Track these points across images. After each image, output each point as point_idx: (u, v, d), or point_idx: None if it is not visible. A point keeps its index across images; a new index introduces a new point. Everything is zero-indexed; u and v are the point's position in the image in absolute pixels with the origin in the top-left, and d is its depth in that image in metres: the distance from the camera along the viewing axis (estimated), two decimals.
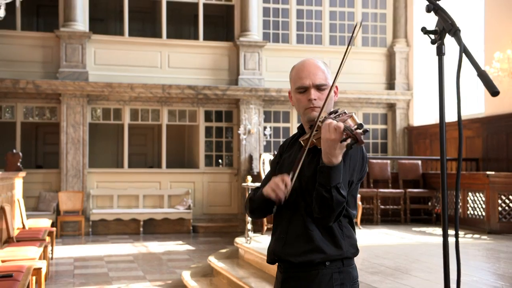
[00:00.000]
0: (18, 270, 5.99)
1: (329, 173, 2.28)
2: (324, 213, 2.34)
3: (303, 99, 2.55)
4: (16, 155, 10.83)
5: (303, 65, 2.60)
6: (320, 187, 2.30)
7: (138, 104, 15.20)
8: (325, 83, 2.55)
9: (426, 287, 5.40)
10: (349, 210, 2.50)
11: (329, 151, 2.25)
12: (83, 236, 14.03)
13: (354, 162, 2.46)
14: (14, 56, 14.57)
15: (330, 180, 2.28)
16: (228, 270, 7.64)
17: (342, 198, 2.30)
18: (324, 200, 2.30)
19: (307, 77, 2.54)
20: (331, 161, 2.27)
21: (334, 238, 2.46)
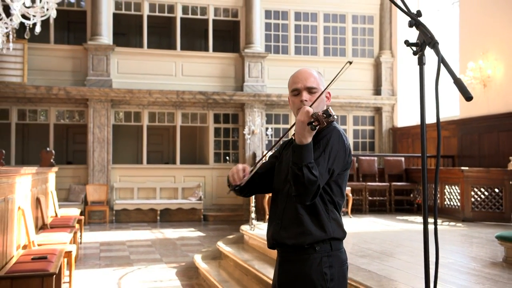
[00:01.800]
0: (51, 252, 6.00)
1: (300, 152, 2.32)
2: (299, 191, 2.36)
3: (296, 101, 2.63)
4: (50, 153, 10.86)
5: (298, 72, 2.68)
6: (293, 165, 2.33)
7: (155, 108, 15.21)
8: (316, 86, 2.61)
9: (408, 268, 5.40)
10: (333, 197, 2.54)
11: (299, 131, 2.32)
12: (108, 224, 14.06)
13: (335, 152, 2.47)
14: (48, 66, 14.59)
15: (301, 158, 2.31)
16: (234, 254, 7.64)
17: (313, 177, 2.31)
18: (297, 178, 2.32)
19: (300, 81, 2.62)
20: (301, 141, 2.32)
21: (320, 221, 2.49)
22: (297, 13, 16.15)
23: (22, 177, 6.89)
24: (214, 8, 15.68)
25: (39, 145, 14.96)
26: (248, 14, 15.61)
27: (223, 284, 6.65)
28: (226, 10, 15.85)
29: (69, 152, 17.08)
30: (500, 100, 11.91)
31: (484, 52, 12.31)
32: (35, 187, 8.17)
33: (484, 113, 12.31)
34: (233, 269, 7.40)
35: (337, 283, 2.49)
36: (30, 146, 16.42)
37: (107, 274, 7.83)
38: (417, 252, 6.43)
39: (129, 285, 7.17)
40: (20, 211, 6.56)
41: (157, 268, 8.29)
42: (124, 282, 7.38)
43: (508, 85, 11.79)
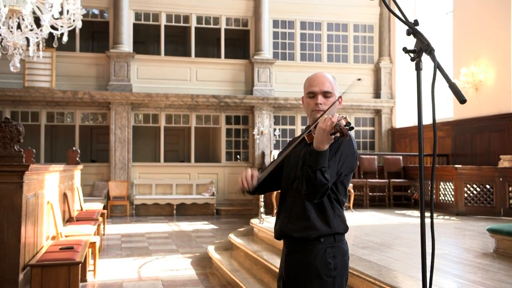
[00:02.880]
0: (77, 243, 6.03)
1: (317, 157, 2.29)
2: (309, 191, 2.35)
3: (312, 103, 2.59)
4: (75, 152, 10.91)
5: (315, 75, 2.65)
6: (308, 167, 2.31)
7: (171, 110, 15.24)
8: (331, 91, 2.59)
9: (406, 259, 5.38)
10: (339, 195, 2.53)
11: (320, 139, 2.27)
12: (128, 217, 14.10)
13: (345, 157, 2.46)
14: (73, 72, 14.66)
15: (317, 163, 2.29)
16: (245, 245, 7.64)
17: (325, 181, 2.30)
18: (310, 179, 2.31)
19: (317, 85, 2.59)
20: (319, 147, 2.28)
21: (326, 217, 2.49)
22: (303, 23, 16.14)
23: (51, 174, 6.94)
24: (226, 18, 15.70)
25: (65, 145, 15.05)
26: (257, 24, 15.61)
27: (234, 273, 6.66)
28: (237, 20, 15.86)
29: (93, 151, 17.16)
30: (491, 103, 11.88)
31: (476, 58, 12.29)
32: (62, 183, 8.22)
33: (476, 115, 12.27)
34: (244, 259, 7.40)
35: (340, 272, 2.49)
36: (57, 145, 16.51)
37: (128, 263, 7.85)
38: (414, 244, 6.42)
39: (148, 274, 7.18)
40: (49, 205, 6.60)
41: (173, 258, 8.30)
42: (143, 270, 7.40)
43: (498, 89, 11.76)
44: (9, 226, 4.99)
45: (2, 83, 14.07)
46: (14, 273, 4.97)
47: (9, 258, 4.97)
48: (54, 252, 5.55)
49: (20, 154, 5.08)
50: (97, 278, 6.85)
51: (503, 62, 11.69)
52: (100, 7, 15.12)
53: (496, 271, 4.79)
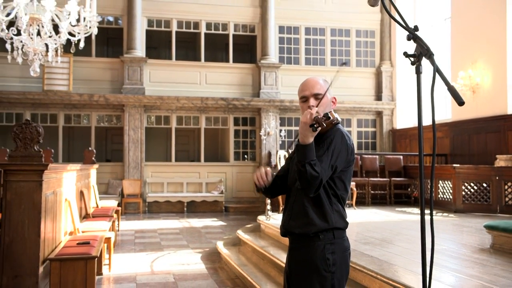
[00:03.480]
0: (93, 238, 6.05)
1: (304, 151, 2.31)
2: (303, 185, 2.36)
3: (305, 106, 2.61)
4: (91, 152, 10.94)
5: (306, 81, 2.67)
6: (298, 162, 2.33)
7: (182, 112, 15.27)
8: (321, 92, 2.59)
9: (407, 254, 5.37)
10: (337, 191, 2.52)
11: (302, 132, 2.31)
12: (141, 214, 14.13)
13: (338, 150, 2.45)
14: (89, 76, 14.72)
15: (304, 156, 2.30)
16: (252, 241, 7.65)
17: (315, 173, 2.31)
18: (301, 174, 2.32)
19: (307, 89, 2.61)
20: (304, 141, 2.31)
21: (324, 213, 2.49)
22: (307, 28, 16.12)
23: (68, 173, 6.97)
24: (234, 24, 15.71)
25: (82, 145, 15.10)
26: (264, 30, 15.62)
27: (242, 267, 6.66)
28: (245, 26, 15.87)
29: (108, 151, 17.21)
30: (487, 105, 11.85)
31: (473, 63, 12.27)
32: (79, 182, 8.25)
33: (473, 116, 12.24)
34: (251, 255, 7.40)
35: (339, 268, 2.49)
36: (74, 146, 16.56)
37: (141, 258, 7.87)
38: (414, 240, 6.40)
39: (160, 268, 7.20)
40: (66, 202, 6.62)
41: (184, 253, 8.31)
42: (156, 264, 7.42)
43: (494, 92, 11.73)
44: (30, 222, 5.02)
45: (22, 87, 14.15)
46: (34, 266, 5.01)
47: (30, 252, 5.01)
48: (71, 247, 5.58)
49: (40, 154, 5.11)
50: (112, 271, 6.88)
51: (499, 66, 11.67)
52: (114, 14, 15.17)
53: (492, 266, 4.78)
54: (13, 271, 4.96)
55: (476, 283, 4.10)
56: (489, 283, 4.07)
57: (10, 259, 4.96)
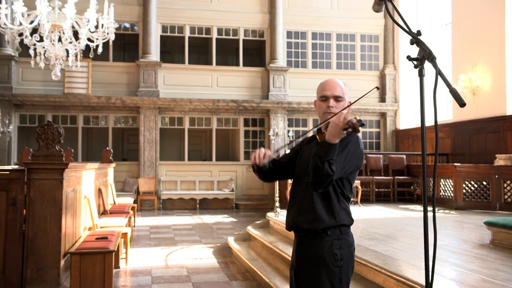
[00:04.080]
0: (111, 234, 6.08)
1: (327, 149, 2.28)
2: (315, 179, 2.34)
3: (324, 106, 2.59)
4: (109, 151, 10.98)
5: (327, 81, 2.65)
6: (318, 157, 2.30)
7: (195, 114, 15.30)
8: (341, 95, 2.59)
9: (410, 249, 5.36)
10: (344, 191, 2.53)
11: (332, 132, 2.27)
12: (156, 210, 14.18)
13: (351, 155, 2.46)
14: (107, 80, 14.79)
15: (326, 154, 2.28)
16: (261, 236, 7.65)
17: (331, 172, 2.29)
18: (318, 169, 2.30)
19: (329, 89, 2.59)
20: (331, 140, 2.28)
21: (332, 210, 2.49)
22: (314, 33, 16.10)
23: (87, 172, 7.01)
24: (244, 29, 15.72)
25: (100, 145, 15.16)
26: (273, 35, 15.62)
27: (252, 261, 6.67)
28: (254, 31, 15.88)
29: (124, 150, 17.28)
30: (487, 106, 11.79)
31: (473, 66, 12.20)
32: (97, 180, 8.30)
33: (474, 117, 12.17)
34: (261, 249, 7.41)
35: (346, 262, 2.49)
36: (93, 146, 16.63)
37: (156, 252, 7.91)
38: (416, 236, 6.38)
39: (174, 262, 7.22)
40: (86, 199, 6.66)
41: (197, 248, 8.33)
42: (170, 258, 7.45)
43: (493, 94, 11.67)
44: (52, 218, 5.06)
45: (45, 90, 14.24)
46: (56, 259, 5.05)
47: (52, 246, 5.05)
48: (90, 241, 5.61)
49: (61, 153, 5.15)
50: (129, 265, 6.92)
51: (498, 69, 11.60)
52: (131, 21, 15.24)
53: (492, 261, 4.76)
54: (37, 264, 5.00)
55: (477, 277, 4.09)
56: (489, 277, 4.06)
57: (34, 253, 5.01)
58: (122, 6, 14.27)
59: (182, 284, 5.87)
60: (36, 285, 4.99)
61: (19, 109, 14.33)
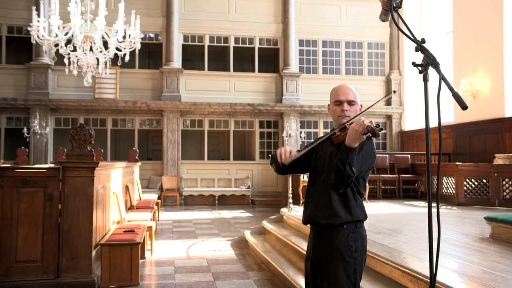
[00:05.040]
0: (137, 227, 6.13)
1: (348, 152, 2.29)
2: (337, 181, 2.35)
3: (338, 110, 2.58)
4: (135, 151, 11.05)
5: (341, 86, 2.63)
6: (339, 161, 2.31)
7: (213, 117, 15.35)
8: (354, 100, 2.58)
9: (414, 243, 5.32)
10: (360, 189, 2.52)
11: (352, 137, 2.28)
12: (178, 206, 14.24)
13: (366, 156, 2.46)
14: (133, 85, 14.89)
15: (347, 157, 2.29)
16: (276, 230, 7.65)
17: (352, 173, 2.30)
18: (340, 171, 2.31)
19: (343, 94, 2.58)
20: (351, 144, 2.29)
21: (349, 207, 2.49)
22: (324, 42, 16.06)
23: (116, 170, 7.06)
24: (259, 38, 15.73)
25: (127, 146, 15.29)
26: (286, 43, 15.61)
27: (267, 253, 6.67)
28: (268, 40, 15.88)
29: (149, 150, 17.38)
30: (487, 109, 11.68)
31: (473, 71, 12.10)
32: (124, 177, 8.35)
33: (474, 119, 12.06)
34: (275, 242, 7.40)
35: (360, 254, 2.49)
36: (120, 146, 16.77)
37: (178, 244, 7.94)
38: (420, 230, 6.34)
39: (195, 253, 7.24)
40: (114, 195, 6.72)
41: (216, 241, 8.35)
42: (191, 250, 7.48)
43: (492, 97, 11.56)
44: (84, 212, 5.12)
45: (77, 95, 14.40)
46: (88, 250, 5.10)
47: (84, 238, 5.10)
48: (119, 234, 5.66)
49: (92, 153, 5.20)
50: (154, 256, 6.96)
51: (497, 74, 11.49)
52: (155, 31, 15.34)
53: (492, 253, 4.71)
54: (71, 254, 5.06)
55: (477, 268, 4.05)
56: (489, 268, 4.03)
57: (68, 243, 5.07)
58: (147, 18, 14.37)
59: (203, 274, 5.89)
60: (71, 273, 5.05)
61: (55, 113, 14.51)
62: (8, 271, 4.94)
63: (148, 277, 5.71)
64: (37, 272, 4.99)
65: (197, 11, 15.36)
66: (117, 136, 16.82)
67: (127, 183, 8.60)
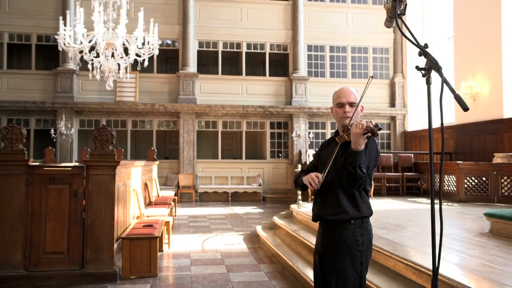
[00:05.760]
0: (155, 222, 6.17)
1: (355, 156, 2.31)
2: (350, 183, 2.37)
3: (340, 112, 2.59)
4: (153, 151, 11.09)
5: (342, 90, 2.64)
6: (349, 165, 2.33)
7: (227, 118, 15.37)
8: (355, 101, 2.59)
9: (417, 237, 5.29)
10: (366, 186, 2.52)
11: (356, 141, 2.30)
12: (193, 202, 14.28)
13: (371, 154, 2.47)
14: (152, 89, 14.97)
15: (356, 161, 2.31)
16: (286, 225, 7.64)
17: (362, 174, 2.33)
18: (351, 174, 2.32)
19: (344, 97, 2.59)
20: (357, 148, 2.30)
21: (356, 204, 2.49)
22: (331, 47, 16.00)
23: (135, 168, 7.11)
24: (270, 44, 15.72)
25: (146, 145, 15.38)
26: (295, 48, 15.59)
27: (277, 247, 6.67)
28: (279, 45, 15.87)
29: (166, 150, 17.45)
30: (486, 111, 11.58)
31: (473, 75, 11.99)
32: (143, 175, 8.40)
33: (474, 120, 11.96)
34: (285, 237, 7.40)
35: (366, 247, 2.50)
36: (140, 146, 16.86)
37: (194, 238, 7.96)
38: (423, 225, 6.29)
39: (209, 247, 7.26)
40: (134, 192, 6.76)
41: (229, 235, 8.36)
42: (206, 244, 7.49)
43: (491, 99, 11.46)
44: (106, 208, 5.16)
45: (99, 99, 14.51)
46: (110, 243, 5.15)
47: (107, 232, 5.15)
48: (138, 228, 5.70)
49: (113, 152, 5.24)
50: (171, 249, 6.99)
51: (495, 77, 11.39)
52: (172, 38, 15.39)
53: (491, 247, 4.67)
54: (94, 246, 5.11)
55: (477, 262, 4.02)
56: (488, 262, 4.00)
57: (92, 237, 5.11)
58: (165, 25, 14.44)
59: (217, 266, 5.91)
60: (94, 264, 5.10)
61: (79, 115, 14.63)
62: (38, 261, 5.01)
63: (165, 269, 5.74)
64: (63, 263, 5.05)
65: (211, 19, 15.39)
66: (136, 137, 16.92)
67: (146, 180, 8.65)
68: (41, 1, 14.71)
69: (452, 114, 13.26)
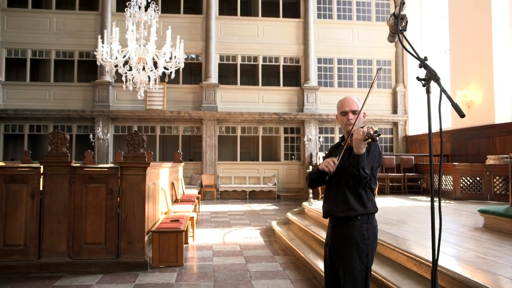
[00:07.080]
0: (181, 217, 6.20)
1: (358, 159, 2.32)
2: (355, 184, 2.37)
3: (344, 119, 2.59)
4: (179, 154, 11.16)
5: (345, 99, 2.63)
6: (353, 167, 2.33)
7: (245, 124, 15.39)
8: (357, 109, 2.57)
9: (418, 232, 5.23)
10: (371, 185, 2.51)
11: (357, 145, 2.31)
12: (215, 200, 14.30)
13: (374, 156, 2.46)
14: (178, 98, 15.06)
15: (358, 163, 2.31)
16: (298, 221, 7.62)
17: (366, 175, 2.33)
18: (356, 176, 2.33)
19: (347, 106, 2.58)
20: (359, 152, 2.32)
21: (362, 201, 2.48)
22: (339, 59, 15.93)
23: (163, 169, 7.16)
24: (283, 57, 15.72)
25: (172, 149, 15.48)
26: (306, 61, 15.56)
27: (291, 241, 6.65)
28: (291, 58, 15.85)
29: (191, 153, 17.52)
30: (479, 117, 11.42)
31: (468, 84, 11.85)
32: (171, 175, 8.46)
33: (469, 126, 11.79)
34: (298, 231, 7.37)
35: (372, 241, 2.48)
36: (167, 149, 16.96)
37: (215, 232, 7.97)
38: (423, 221, 6.22)
39: (229, 240, 7.26)
40: (162, 191, 6.80)
41: (247, 229, 8.35)
42: (226, 237, 7.50)
43: (484, 106, 11.31)
44: (138, 204, 5.21)
45: (132, 107, 14.68)
46: (141, 236, 5.19)
47: (138, 226, 5.19)
48: (166, 223, 5.73)
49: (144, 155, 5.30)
50: (195, 242, 7.00)
51: (488, 86, 11.25)
52: (196, 52, 15.50)
53: (484, 241, 4.60)
54: (128, 238, 5.16)
55: (472, 254, 3.97)
56: (482, 254, 3.96)
57: (126, 230, 5.17)
58: (189, 41, 14.56)
59: (236, 257, 5.91)
60: (128, 254, 5.15)
61: (114, 122, 14.82)
62: (79, 250, 5.10)
63: (190, 259, 5.77)
64: (101, 253, 5.11)
65: (231, 35, 15.46)
66: (164, 141, 17.04)
67: (173, 180, 8.70)
68: (83, 22, 14.98)
69: (449, 120, 13.09)
